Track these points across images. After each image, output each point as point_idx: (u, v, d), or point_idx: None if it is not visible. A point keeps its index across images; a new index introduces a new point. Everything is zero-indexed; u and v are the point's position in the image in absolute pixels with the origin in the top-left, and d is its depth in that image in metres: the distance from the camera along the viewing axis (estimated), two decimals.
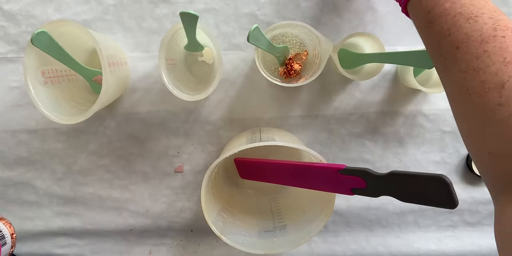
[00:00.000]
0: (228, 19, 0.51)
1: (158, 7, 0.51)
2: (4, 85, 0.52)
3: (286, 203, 0.52)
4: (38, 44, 0.38)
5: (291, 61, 0.49)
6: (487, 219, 0.58)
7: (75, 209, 0.57)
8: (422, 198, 0.32)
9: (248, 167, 0.51)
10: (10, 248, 0.52)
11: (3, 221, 0.53)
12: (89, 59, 0.51)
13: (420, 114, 0.54)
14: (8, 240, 0.52)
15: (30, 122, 0.53)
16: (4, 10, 0.50)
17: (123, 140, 0.54)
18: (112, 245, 0.58)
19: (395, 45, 0.52)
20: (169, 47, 0.44)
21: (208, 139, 0.55)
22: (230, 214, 0.48)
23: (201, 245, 0.59)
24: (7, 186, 0.56)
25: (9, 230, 0.52)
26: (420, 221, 0.58)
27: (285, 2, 0.51)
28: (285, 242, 0.44)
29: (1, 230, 0.51)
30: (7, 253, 0.52)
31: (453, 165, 0.56)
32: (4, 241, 0.51)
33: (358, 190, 0.37)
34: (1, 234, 0.50)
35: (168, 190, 0.56)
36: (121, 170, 0.56)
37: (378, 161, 0.56)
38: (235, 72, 0.53)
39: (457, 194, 0.30)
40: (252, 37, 0.40)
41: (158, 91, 0.53)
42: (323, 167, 0.39)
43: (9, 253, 0.52)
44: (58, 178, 0.56)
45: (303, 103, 0.54)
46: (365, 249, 0.58)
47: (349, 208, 0.57)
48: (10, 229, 0.53)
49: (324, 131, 0.55)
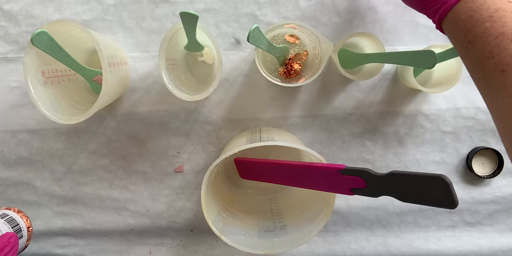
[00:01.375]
0: (228, 19, 0.51)
1: (158, 7, 0.51)
2: (4, 85, 0.52)
3: (286, 203, 0.52)
4: (38, 44, 0.38)
5: (291, 61, 0.49)
6: (487, 219, 0.58)
7: (75, 209, 0.57)
8: (422, 198, 0.32)
9: (248, 167, 0.51)
10: (26, 241, 0.53)
11: (21, 214, 0.53)
12: (89, 59, 0.51)
13: (420, 114, 0.54)
14: (25, 233, 0.52)
15: (30, 122, 0.53)
16: (4, 10, 0.50)
17: (123, 140, 0.54)
18: (112, 245, 0.58)
19: (395, 45, 0.52)
20: (169, 47, 0.44)
21: (208, 139, 0.55)
22: (230, 214, 0.48)
23: (201, 245, 0.59)
24: (7, 186, 0.56)
25: (26, 223, 0.53)
26: (420, 221, 0.58)
27: (285, 2, 0.51)
28: (285, 242, 0.44)
29: (19, 223, 0.51)
30: (23, 246, 0.52)
31: (453, 165, 0.56)
32: (21, 234, 0.51)
33: (358, 190, 0.37)
34: (19, 227, 0.51)
35: (168, 190, 0.56)
36: (121, 170, 0.56)
37: (378, 161, 0.56)
38: (235, 72, 0.53)
39: (457, 194, 0.30)
40: (252, 37, 0.40)
41: (158, 91, 0.53)
42: (323, 167, 0.39)
43: (25, 246, 0.53)
44: (58, 178, 0.56)
45: (303, 103, 0.54)
46: (365, 249, 0.59)
47: (349, 208, 0.57)
48: (27, 222, 0.53)
49: (324, 131, 0.55)
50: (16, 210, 0.54)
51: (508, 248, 0.58)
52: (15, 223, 0.51)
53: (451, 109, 0.54)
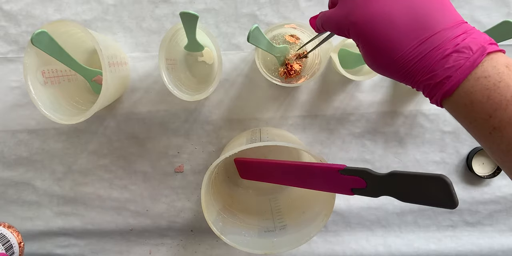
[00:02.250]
0: (228, 19, 0.51)
1: (158, 7, 0.51)
2: (4, 85, 0.52)
3: (286, 203, 0.52)
4: (38, 44, 0.38)
5: (291, 61, 0.49)
6: (487, 219, 0.58)
7: (75, 209, 0.57)
8: (422, 198, 0.32)
9: (248, 167, 0.51)
10: None
11: (11, 229, 0.51)
12: (89, 59, 0.51)
13: (420, 114, 0.54)
14: (16, 249, 0.50)
15: (30, 122, 0.53)
16: (4, 10, 0.50)
17: (123, 140, 0.54)
18: (112, 245, 0.58)
19: None
20: (169, 47, 0.44)
21: (208, 139, 0.55)
22: (230, 214, 0.48)
23: (201, 245, 0.59)
24: (7, 186, 0.56)
25: (17, 238, 0.51)
26: (420, 221, 0.58)
27: (285, 2, 0.51)
28: (285, 242, 0.44)
29: (10, 240, 0.49)
30: None
31: (453, 165, 0.56)
32: (12, 250, 0.49)
33: (358, 190, 0.37)
34: (10, 243, 0.49)
35: (168, 190, 0.56)
36: (121, 170, 0.56)
37: (378, 161, 0.56)
38: (235, 72, 0.53)
39: (457, 194, 0.30)
40: (252, 37, 0.40)
41: (158, 91, 0.53)
42: (323, 167, 0.39)
43: None
44: (58, 178, 0.56)
45: (303, 103, 0.54)
46: (365, 249, 0.58)
47: (349, 208, 0.57)
48: (18, 238, 0.51)
49: (324, 131, 0.55)
50: (6, 226, 0.52)
51: (508, 248, 0.58)
52: (6, 239, 0.50)
53: None
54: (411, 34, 0.25)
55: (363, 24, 0.26)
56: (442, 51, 0.24)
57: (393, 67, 0.27)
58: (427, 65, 0.25)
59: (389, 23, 0.25)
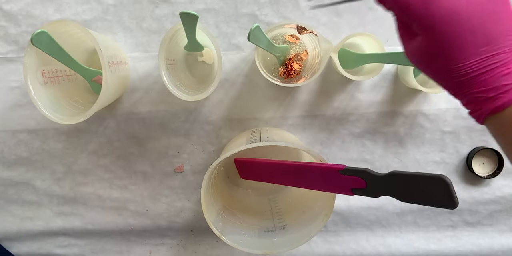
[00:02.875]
0: (228, 19, 0.51)
1: (158, 7, 0.51)
2: (4, 85, 0.52)
3: (286, 203, 0.52)
4: (38, 44, 0.38)
5: (291, 61, 0.49)
6: (487, 219, 0.58)
7: (75, 209, 0.57)
8: (422, 198, 0.32)
9: (248, 167, 0.51)
10: None
11: None
12: (89, 59, 0.51)
13: (420, 114, 0.54)
14: None
15: (30, 122, 0.53)
16: (4, 10, 0.50)
17: (123, 140, 0.54)
18: (112, 245, 0.58)
19: (395, 45, 0.52)
20: (169, 47, 0.44)
21: (208, 139, 0.55)
22: (230, 214, 0.48)
23: (201, 245, 0.59)
24: (7, 186, 0.56)
25: None
26: (419, 221, 0.58)
27: (285, 2, 0.51)
28: (285, 242, 0.44)
29: None
30: None
31: (453, 165, 0.56)
32: None
33: (358, 190, 0.37)
34: None
35: (168, 190, 0.56)
36: (121, 170, 0.56)
37: (378, 161, 0.56)
38: (235, 72, 0.53)
39: (457, 194, 0.30)
40: (252, 36, 0.40)
41: (158, 91, 0.53)
42: (323, 167, 0.39)
43: None
44: (58, 178, 0.56)
45: (303, 103, 0.54)
46: (365, 249, 0.59)
47: (349, 208, 0.57)
48: None
49: (324, 131, 0.55)
50: None
51: (508, 248, 0.58)
52: None
53: (451, 109, 0.54)
54: (482, 47, 0.24)
55: (444, 23, 0.24)
56: (506, 68, 0.24)
57: (448, 73, 0.25)
58: (485, 79, 0.24)
59: (469, 32, 0.24)
